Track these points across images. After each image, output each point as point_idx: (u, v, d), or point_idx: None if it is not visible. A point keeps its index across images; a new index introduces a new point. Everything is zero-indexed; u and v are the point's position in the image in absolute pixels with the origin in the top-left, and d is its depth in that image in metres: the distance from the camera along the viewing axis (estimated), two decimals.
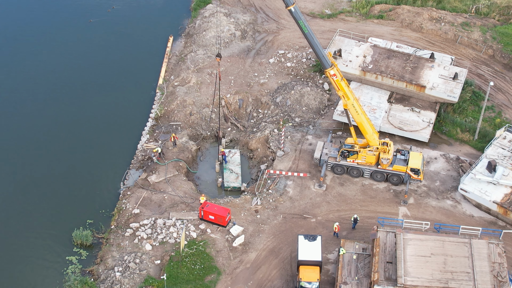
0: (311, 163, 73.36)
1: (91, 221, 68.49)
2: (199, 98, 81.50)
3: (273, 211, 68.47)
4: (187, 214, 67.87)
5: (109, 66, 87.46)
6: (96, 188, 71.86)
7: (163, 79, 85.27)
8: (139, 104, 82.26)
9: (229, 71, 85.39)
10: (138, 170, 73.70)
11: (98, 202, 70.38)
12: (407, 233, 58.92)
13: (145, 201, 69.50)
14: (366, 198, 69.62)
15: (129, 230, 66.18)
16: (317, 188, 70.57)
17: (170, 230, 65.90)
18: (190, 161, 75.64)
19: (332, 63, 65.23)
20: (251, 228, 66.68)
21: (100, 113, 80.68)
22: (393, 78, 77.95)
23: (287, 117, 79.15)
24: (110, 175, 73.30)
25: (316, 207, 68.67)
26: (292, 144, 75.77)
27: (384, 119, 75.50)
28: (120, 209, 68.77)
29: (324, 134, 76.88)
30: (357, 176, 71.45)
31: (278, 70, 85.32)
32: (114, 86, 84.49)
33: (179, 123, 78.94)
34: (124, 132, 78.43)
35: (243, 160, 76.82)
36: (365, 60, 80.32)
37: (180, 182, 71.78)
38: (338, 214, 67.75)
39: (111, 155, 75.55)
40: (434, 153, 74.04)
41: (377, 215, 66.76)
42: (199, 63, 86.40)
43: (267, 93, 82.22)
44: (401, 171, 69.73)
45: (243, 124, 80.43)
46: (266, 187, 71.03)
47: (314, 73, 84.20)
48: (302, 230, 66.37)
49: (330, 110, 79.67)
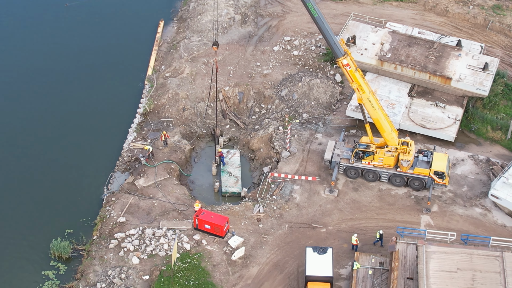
0: (321, 165, 73.44)
1: (71, 230, 68.56)
2: (194, 91, 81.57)
3: (278, 220, 68.56)
4: (180, 223, 67.96)
5: (90, 55, 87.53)
6: (76, 194, 71.94)
7: (152, 70, 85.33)
8: (125, 98, 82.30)
9: (228, 61, 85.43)
10: (124, 173, 73.79)
11: (78, 209, 70.45)
12: (430, 245, 58.94)
13: (132, 208, 69.61)
14: (383, 205, 69.69)
15: (114, 241, 66.28)
16: (327, 194, 70.65)
17: (160, 241, 65.99)
18: (183, 163, 75.75)
19: (345, 52, 65.30)
20: (253, 239, 66.79)
21: (80, 109, 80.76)
22: (415, 68, 78.01)
23: (294, 113, 79.23)
24: (92, 178, 73.38)
25: (327, 216, 68.74)
26: (299, 143, 75.84)
27: (404, 115, 75.57)
28: (103, 217, 68.87)
29: (335, 133, 76.95)
30: (373, 180, 71.53)
31: (284, 59, 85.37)
32: (96, 78, 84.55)
33: (170, 119, 79.02)
34: (108, 130, 78.49)
35: (243, 161, 76.92)
36: (382, 48, 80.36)
37: (172, 187, 71.87)
38: (352, 224, 67.83)
39: (93, 155, 75.64)
40: (461, 154, 74.09)
41: (396, 225, 66.83)
42: (194, 51, 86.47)
43: (271, 85, 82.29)
44: (423, 174, 69.81)
45: (243, 121, 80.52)
46: (269, 193, 71.11)
47: (325, 62, 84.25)
48: (310, 241, 66.47)
49: (343, 105, 79.73)
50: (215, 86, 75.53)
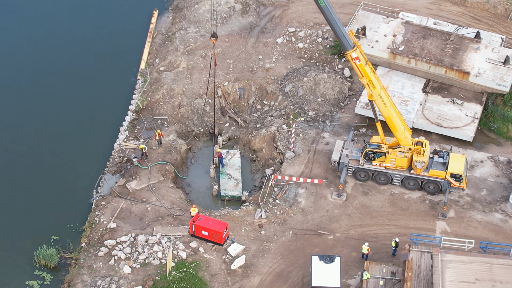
0: (328, 167, 73.42)
1: (57, 237, 68.57)
2: (190, 86, 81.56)
3: (281, 226, 68.53)
4: (175, 229, 67.96)
5: (78, 47, 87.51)
6: (63, 197, 71.95)
7: (145, 63, 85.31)
8: (116, 94, 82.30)
9: (228, 54, 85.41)
10: (115, 175, 73.80)
11: (65, 214, 70.46)
12: (447, 254, 58.91)
13: (123, 213, 69.60)
14: (395, 210, 69.63)
15: (104, 249, 66.28)
16: (335, 198, 70.61)
17: (154, 249, 65.98)
18: (178, 164, 75.73)
19: (355, 44, 65.30)
20: (254, 246, 66.77)
21: (68, 106, 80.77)
22: (430, 62, 77.97)
23: (299, 110, 79.19)
24: (80, 181, 73.39)
25: (334, 221, 68.71)
26: (304, 143, 75.80)
27: (419, 113, 75.53)
28: (92, 222, 68.87)
29: (344, 132, 76.91)
30: (384, 183, 71.50)
31: (288, 52, 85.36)
32: (85, 72, 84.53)
33: (165, 117, 79.01)
34: (97, 128, 78.52)
35: (244, 163, 76.90)
36: (395, 40, 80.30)
37: (167, 190, 71.87)
38: (361, 230, 67.80)
39: (81, 156, 75.64)
40: (480, 155, 74.03)
41: (410, 232, 66.79)
42: (190, 43, 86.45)
43: (274, 80, 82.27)
44: (439, 177, 69.78)
45: (244, 119, 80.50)
46: (272, 197, 71.10)
47: (332, 56, 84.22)
48: (316, 249, 66.45)
49: (352, 102, 79.71)
50: (214, 81, 75.47)
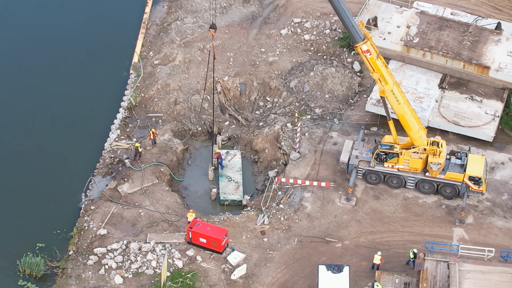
0: (336, 169, 73.41)
1: (43, 244, 68.60)
2: (187, 81, 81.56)
3: (285, 233, 68.53)
4: (171, 236, 67.96)
5: (67, 39, 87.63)
6: (49, 201, 72.01)
7: (139, 56, 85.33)
8: (106, 89, 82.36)
9: (228, 46, 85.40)
10: (105, 177, 73.85)
11: (51, 220, 70.51)
12: (465, 263, 58.92)
13: (115, 219, 69.62)
14: (409, 216, 69.62)
15: (93, 257, 66.30)
16: (344, 203, 70.61)
17: (147, 258, 66.00)
18: (174, 166, 75.73)
19: (365, 36, 65.33)
20: (256, 255, 66.77)
21: (55, 102, 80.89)
22: (447, 56, 77.99)
23: (305, 107, 79.20)
24: (67, 183, 73.43)
25: (343, 228, 68.71)
26: (311, 143, 75.79)
27: (434, 110, 75.52)
28: (81, 229, 68.90)
29: (353, 131, 76.90)
30: (397, 187, 71.50)
31: (293, 44, 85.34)
32: (73, 66, 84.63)
33: (160, 114, 79.03)
34: (86, 127, 78.59)
35: (245, 164, 76.93)
36: (409, 32, 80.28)
37: (162, 194, 71.89)
38: (372, 238, 67.78)
39: (69, 157, 75.69)
40: (501, 157, 74.00)
41: (425, 239, 66.78)
42: (187, 34, 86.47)
43: (277, 75, 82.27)
44: (456, 180, 69.78)
45: (245, 117, 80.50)
46: (275, 201, 71.09)
47: (341, 48, 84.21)
48: (323, 258, 66.45)
49: (362, 99, 79.72)
50: (212, 75, 75.48)
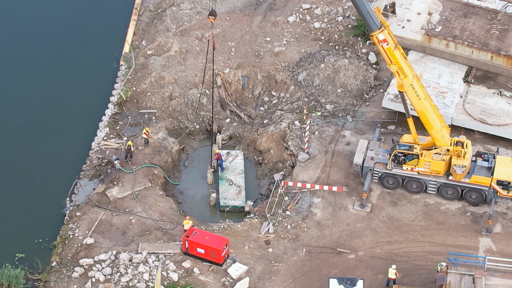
0: (349, 171, 73.39)
1: (22, 255, 68.61)
2: (184, 74, 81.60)
3: (293, 243, 68.53)
4: (165, 245, 67.96)
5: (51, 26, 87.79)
6: (30, 207, 72.04)
7: (130, 46, 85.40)
8: (94, 82, 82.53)
9: (229, 35, 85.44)
10: (93, 180, 73.88)
11: (33, 227, 70.54)
12: (492, 277, 58.88)
13: (103, 226, 69.65)
14: (430, 224, 69.56)
15: (79, 269, 66.29)
16: (357, 209, 70.58)
17: (139, 270, 66.00)
18: (169, 168, 75.77)
19: (382, 24, 65.23)
20: (260, 267, 66.76)
21: (38, 97, 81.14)
22: (472, 46, 78.02)
23: (314, 103, 79.19)
24: (51, 187, 73.51)
25: (357, 237, 68.67)
26: (321, 143, 75.76)
27: (459, 107, 75.47)
28: (65, 237, 68.91)
29: (368, 129, 76.87)
30: (417, 192, 71.45)
31: (302, 33, 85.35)
32: (57, 56, 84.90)
33: (153, 110, 79.08)
34: (72, 124, 78.73)
35: (248, 166, 76.97)
36: (430, 20, 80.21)
37: (155, 199, 71.91)
38: (389, 248, 67.73)
39: (53, 157, 75.83)
40: None
41: (447, 250, 66.73)
42: (184, 22, 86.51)
43: (284, 67, 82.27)
44: (483, 184, 69.71)
45: (248, 113, 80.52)
46: (282, 207, 71.07)
47: (355, 38, 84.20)
48: (335, 271, 66.44)
49: (378, 94, 79.72)
50: (212, 67, 75.45)
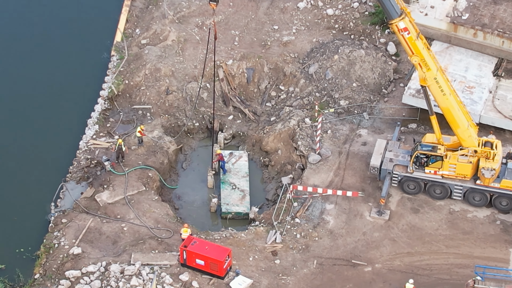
0: (365, 175, 73.37)
1: (2, 266, 68.72)
2: (182, 65, 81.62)
3: (302, 254, 68.48)
4: (160, 256, 67.95)
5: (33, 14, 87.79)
6: (11, 213, 72.16)
7: (122, 34, 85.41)
8: (82, 75, 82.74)
9: (232, 22, 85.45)
10: (80, 183, 73.92)
11: (13, 235, 70.70)
12: None
13: (92, 234, 69.67)
14: (456, 233, 69.49)
15: (64, 282, 66.30)
16: (375, 217, 70.54)
17: (131, 283, 65.99)
18: (165, 170, 75.79)
19: (403, 11, 65.10)
20: (266, 280, 66.74)
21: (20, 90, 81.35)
22: (503, 36, 77.95)
23: (327, 98, 79.16)
24: (34, 190, 73.67)
25: (374, 248, 68.62)
26: (334, 143, 75.72)
27: (488, 103, 75.42)
28: (49, 247, 68.93)
29: (387, 128, 76.87)
30: (441, 198, 71.40)
31: (313, 20, 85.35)
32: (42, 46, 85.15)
33: (148, 106, 79.15)
34: (58, 121, 78.97)
35: (252, 168, 77.03)
36: (456, 6, 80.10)
37: (149, 204, 71.92)
38: (410, 260, 67.66)
39: (36, 157, 76.04)
40: None
41: (475, 263, 66.65)
42: (183, 8, 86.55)
43: (293, 58, 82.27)
44: None
45: (253, 110, 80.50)
46: (290, 214, 71.01)
47: (372, 26, 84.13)
48: (349, 285, 66.45)
49: (398, 88, 79.70)
50: (213, 59, 75.43)
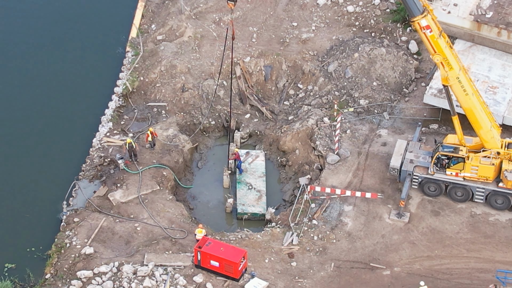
0: (384, 176, 73.31)
1: (13, 265, 68.87)
2: (198, 62, 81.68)
3: (320, 256, 68.48)
4: (174, 257, 68.03)
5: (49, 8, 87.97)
6: (22, 211, 72.35)
7: (137, 30, 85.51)
8: (97, 71, 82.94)
9: (250, 19, 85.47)
10: (93, 181, 74.05)
11: (25, 235, 70.83)
12: None
13: (104, 234, 69.81)
14: (477, 237, 69.35)
15: (76, 282, 66.44)
16: (394, 219, 70.46)
17: (144, 284, 66.07)
18: (180, 169, 75.87)
19: (425, 8, 65.06)
20: (282, 283, 66.73)
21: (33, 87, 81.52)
22: None
23: (347, 97, 79.10)
24: (45, 188, 73.81)
25: (393, 251, 68.55)
26: (353, 143, 75.67)
27: (511, 104, 75.09)
28: (61, 246, 69.09)
29: (408, 128, 76.78)
30: (463, 200, 71.29)
31: (333, 17, 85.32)
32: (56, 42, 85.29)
33: (163, 104, 79.21)
34: (71, 118, 79.16)
35: (269, 168, 77.05)
36: (480, 4, 79.91)
37: (164, 204, 72.02)
38: (429, 264, 67.57)
39: (49, 155, 76.21)
40: None
41: (496, 267, 66.51)
42: (200, 3, 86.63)
43: (312, 56, 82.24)
44: None
45: (271, 108, 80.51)
46: (308, 215, 71.01)
47: (394, 24, 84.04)
48: None
49: (420, 88, 79.62)
50: (231, 56, 75.44)
